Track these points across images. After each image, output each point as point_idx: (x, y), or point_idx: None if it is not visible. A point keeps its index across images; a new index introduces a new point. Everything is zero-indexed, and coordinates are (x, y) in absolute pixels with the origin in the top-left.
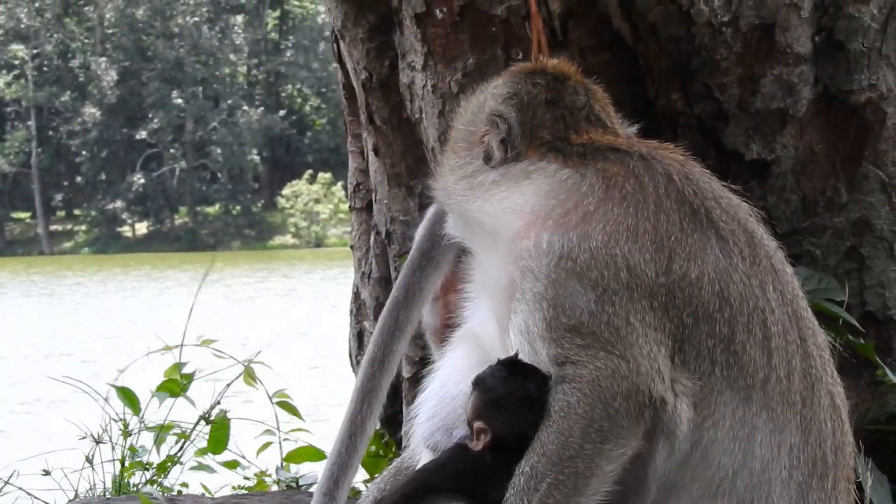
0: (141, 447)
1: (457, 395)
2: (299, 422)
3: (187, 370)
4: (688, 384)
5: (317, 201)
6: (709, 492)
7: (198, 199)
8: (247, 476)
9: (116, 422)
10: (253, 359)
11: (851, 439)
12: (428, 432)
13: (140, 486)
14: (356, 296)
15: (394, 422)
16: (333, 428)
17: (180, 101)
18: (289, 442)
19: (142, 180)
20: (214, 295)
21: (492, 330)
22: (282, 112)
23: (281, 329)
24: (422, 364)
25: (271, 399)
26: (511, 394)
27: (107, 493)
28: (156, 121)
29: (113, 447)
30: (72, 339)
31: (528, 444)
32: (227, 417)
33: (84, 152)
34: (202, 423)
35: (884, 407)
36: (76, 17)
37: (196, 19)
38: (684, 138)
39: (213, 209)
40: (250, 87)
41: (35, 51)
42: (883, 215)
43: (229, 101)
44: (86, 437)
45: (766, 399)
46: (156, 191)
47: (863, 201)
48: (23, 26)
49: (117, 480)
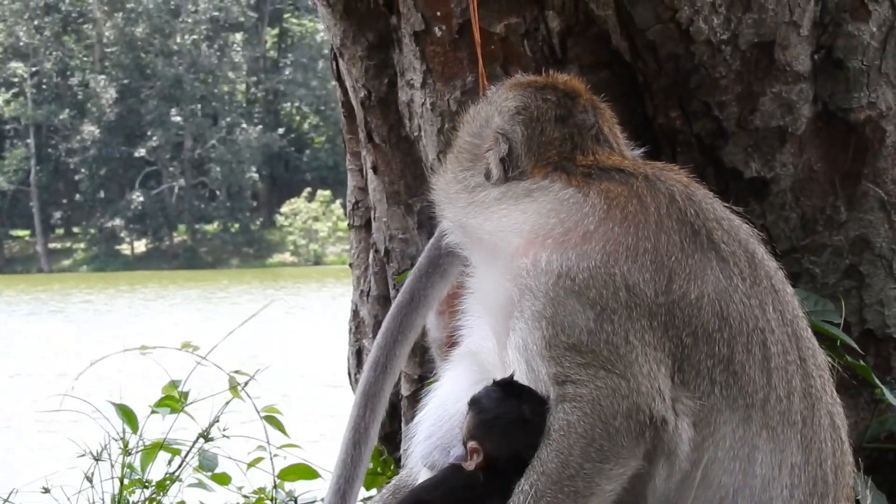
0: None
1: (454, 413)
2: (292, 438)
3: (185, 387)
4: (688, 403)
5: (315, 219)
6: None
7: (196, 217)
8: (245, 494)
9: (116, 440)
10: (241, 371)
11: (851, 459)
12: (426, 451)
13: None
14: (355, 313)
15: (393, 440)
16: (328, 446)
17: (179, 118)
18: (282, 459)
19: (140, 198)
20: (218, 313)
21: (490, 347)
22: (280, 130)
23: (280, 345)
24: (420, 382)
25: (259, 414)
26: (505, 415)
27: None
28: (154, 139)
29: (112, 465)
30: (70, 357)
31: (523, 465)
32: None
33: (83, 170)
34: (201, 440)
35: (883, 425)
36: (75, 35)
37: (195, 37)
38: (683, 156)
39: (211, 227)
40: (249, 105)
41: (34, 69)
42: (882, 233)
43: (228, 119)
44: (85, 455)
45: (766, 418)
46: (154, 209)
47: (862, 219)
48: (22, 44)
49: (116, 499)
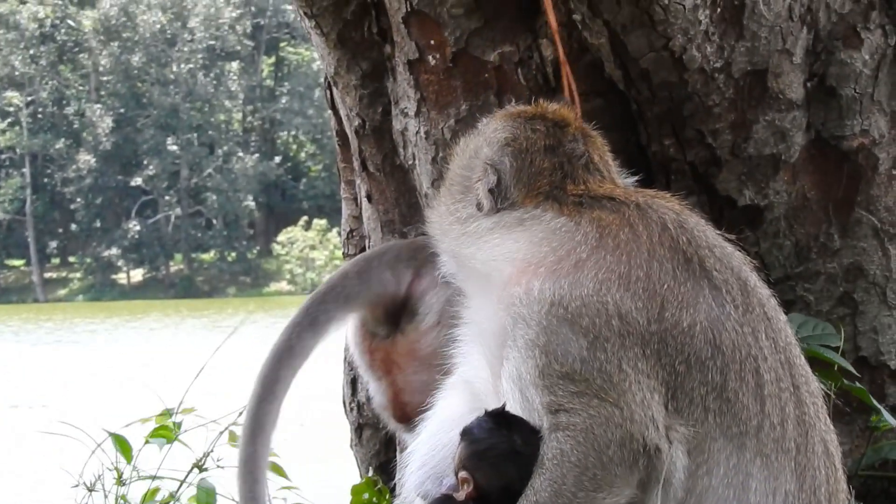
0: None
1: (447, 443)
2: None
3: (178, 417)
4: (682, 431)
5: (312, 248)
6: None
7: (193, 246)
8: None
9: (110, 470)
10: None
11: (845, 486)
12: (419, 480)
13: None
14: None
15: (387, 469)
16: (325, 479)
17: (175, 147)
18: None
19: (137, 227)
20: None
21: (484, 376)
22: (277, 158)
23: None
24: None
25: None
26: (496, 446)
27: None
28: (151, 167)
29: (105, 495)
30: (63, 387)
31: (514, 496)
32: (212, 487)
33: (79, 199)
34: (195, 470)
35: (877, 453)
36: (71, 64)
37: (191, 66)
38: (677, 184)
39: (208, 256)
40: (245, 134)
41: (30, 98)
42: (876, 261)
43: (224, 148)
44: (78, 486)
45: (759, 446)
46: (151, 238)
47: (856, 247)
48: (17, 73)
49: None
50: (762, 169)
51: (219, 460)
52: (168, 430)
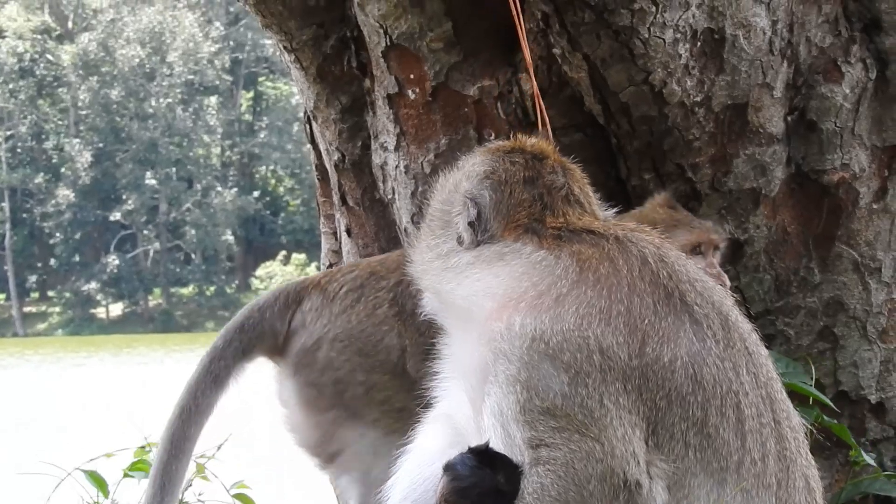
0: None
1: (429, 476)
2: None
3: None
4: (662, 467)
5: None
6: None
7: (172, 281)
8: None
9: None
10: (209, 454)
11: None
12: None
13: None
14: None
15: None
16: None
17: (154, 182)
18: None
19: (116, 262)
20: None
21: (465, 411)
22: (255, 193)
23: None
24: None
25: (228, 491)
26: (478, 484)
27: None
28: (130, 202)
29: None
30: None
31: None
32: None
33: (58, 234)
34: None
35: (857, 487)
36: (50, 99)
37: (170, 101)
38: None
39: (187, 290)
40: (224, 168)
41: (9, 132)
42: (856, 295)
43: (203, 182)
44: None
45: (740, 481)
46: (130, 272)
47: (836, 281)
48: None
49: None
50: (742, 203)
51: (199, 494)
52: (146, 463)
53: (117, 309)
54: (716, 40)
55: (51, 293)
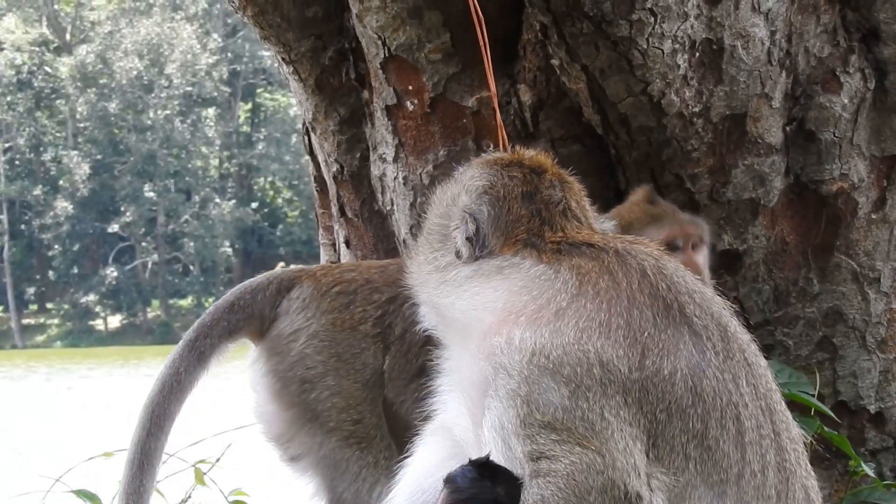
0: None
1: (428, 488)
2: None
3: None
4: (663, 479)
5: None
6: None
7: (170, 292)
8: None
9: None
10: (205, 460)
11: None
12: None
13: None
14: None
15: None
16: None
17: (152, 194)
18: None
19: (114, 273)
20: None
21: (464, 424)
22: (254, 204)
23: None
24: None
25: (227, 498)
26: (478, 496)
27: None
28: (128, 214)
29: None
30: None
31: None
32: None
33: (56, 246)
34: None
35: (856, 497)
36: (48, 111)
37: (168, 112)
38: None
39: (185, 302)
40: (222, 180)
41: (7, 144)
42: (855, 305)
43: (201, 194)
44: None
45: (740, 493)
46: (128, 284)
47: (835, 291)
48: None
49: None
50: (741, 213)
51: (194, 500)
52: None
53: (116, 321)
54: (714, 51)
55: (49, 305)
